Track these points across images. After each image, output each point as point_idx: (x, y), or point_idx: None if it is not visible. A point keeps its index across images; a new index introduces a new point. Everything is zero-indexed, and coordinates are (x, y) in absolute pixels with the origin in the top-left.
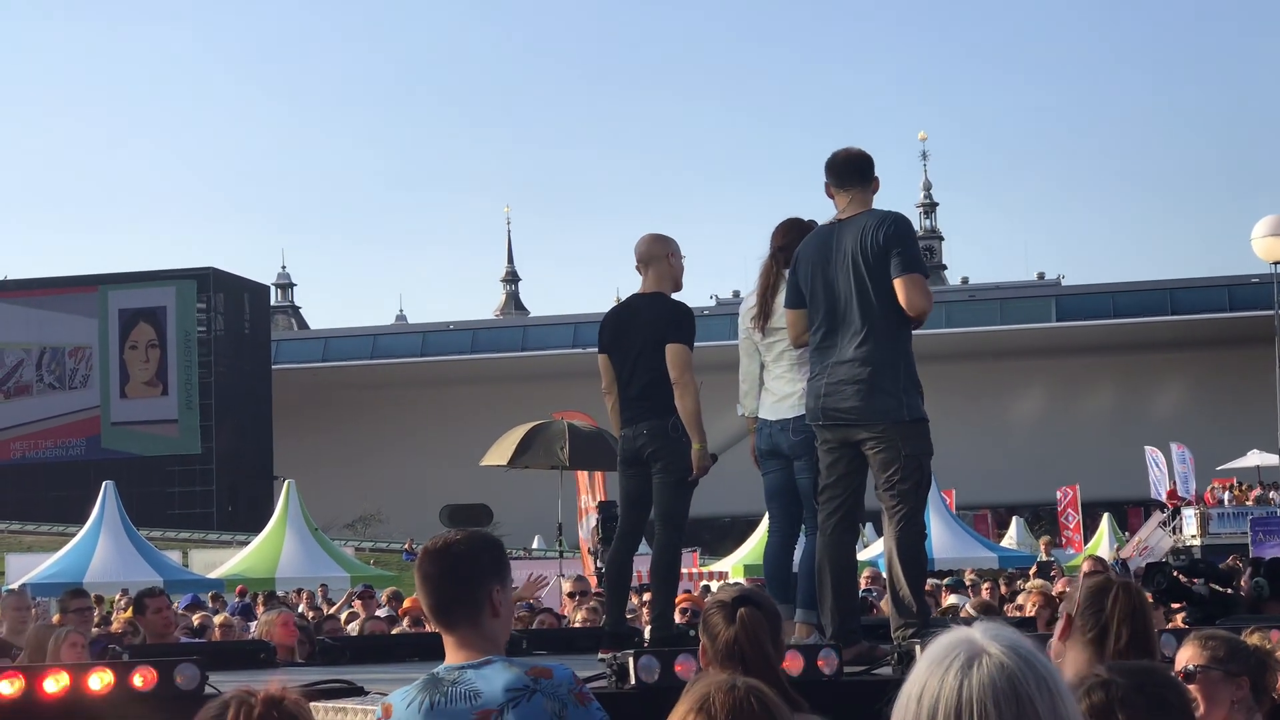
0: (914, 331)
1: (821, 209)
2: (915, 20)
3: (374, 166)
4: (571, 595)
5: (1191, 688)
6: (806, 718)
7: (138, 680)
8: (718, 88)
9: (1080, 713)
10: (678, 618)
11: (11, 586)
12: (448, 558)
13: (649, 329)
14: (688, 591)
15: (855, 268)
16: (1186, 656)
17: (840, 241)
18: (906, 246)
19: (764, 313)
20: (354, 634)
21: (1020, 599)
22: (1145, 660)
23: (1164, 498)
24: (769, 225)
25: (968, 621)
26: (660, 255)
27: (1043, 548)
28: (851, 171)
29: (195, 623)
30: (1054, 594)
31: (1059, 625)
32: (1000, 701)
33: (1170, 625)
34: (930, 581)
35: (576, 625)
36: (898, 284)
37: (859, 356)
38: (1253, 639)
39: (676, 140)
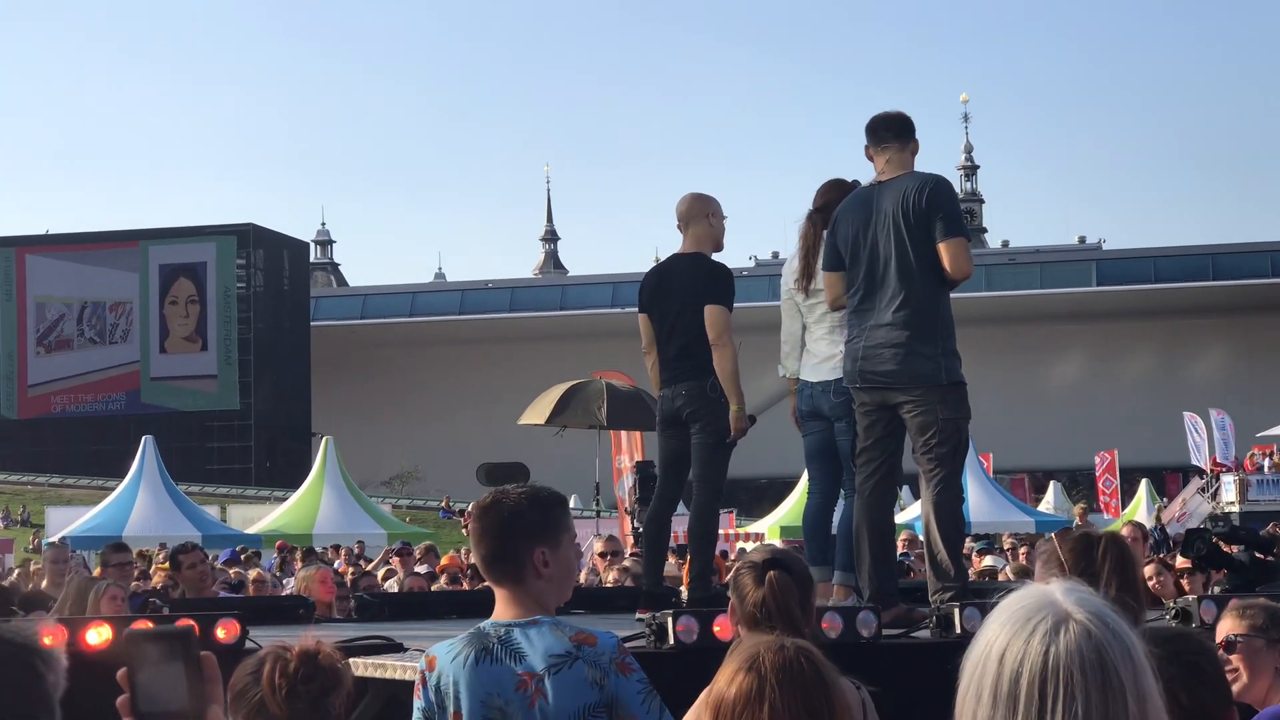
0: (954, 294)
1: (864, 170)
2: None
3: (415, 125)
4: (603, 555)
5: (1233, 657)
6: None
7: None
8: (760, 49)
9: (1158, 684)
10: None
11: (51, 540)
12: (491, 514)
13: (687, 290)
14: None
15: (895, 230)
16: (1227, 627)
17: (880, 203)
18: (949, 210)
19: (807, 273)
20: (392, 591)
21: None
22: (1180, 626)
23: (1205, 464)
24: (809, 187)
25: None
26: (700, 215)
27: (1078, 515)
28: (889, 132)
29: (234, 577)
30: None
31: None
32: (1086, 669)
33: (1209, 592)
34: (979, 547)
35: (608, 585)
36: (942, 248)
37: (897, 320)
38: None
39: (717, 101)
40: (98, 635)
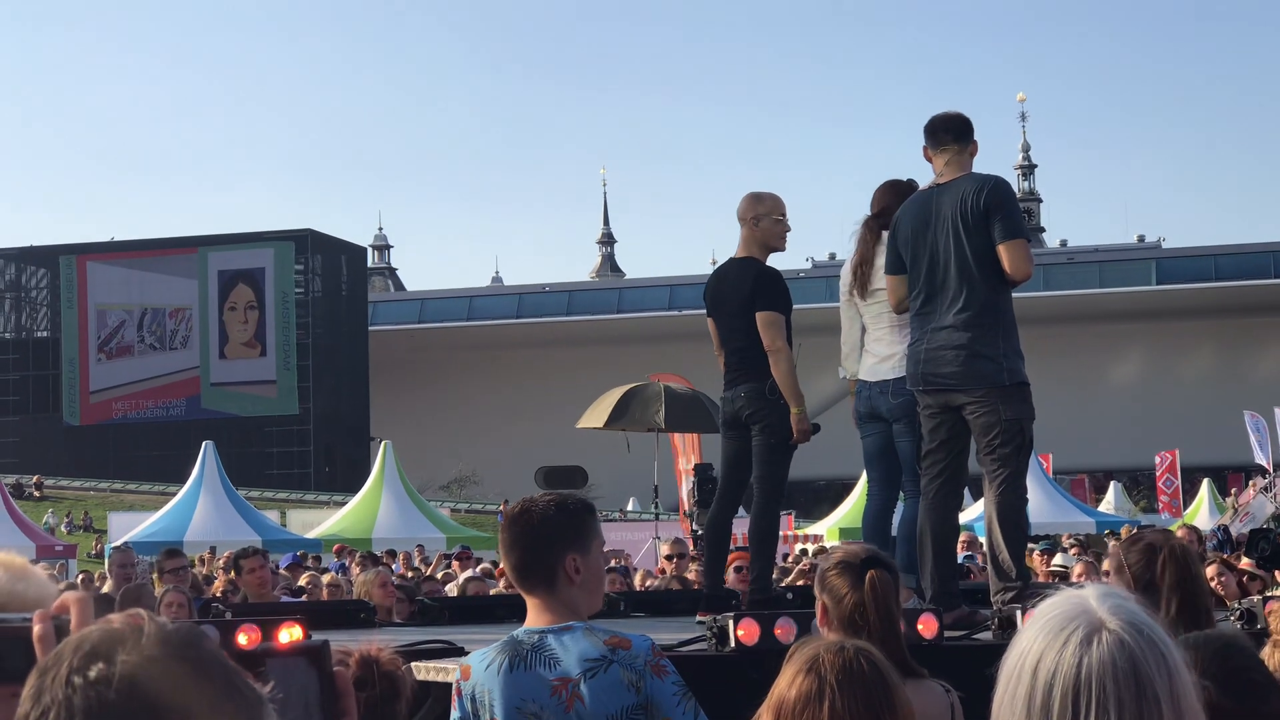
0: (1014, 295)
1: (921, 171)
2: None
3: (471, 129)
4: (670, 558)
5: None
6: (927, 682)
7: (242, 639)
8: (815, 48)
9: (1195, 691)
10: (730, 576)
11: (117, 544)
12: (523, 522)
13: (736, 295)
14: (741, 549)
15: (955, 232)
16: None
17: (939, 206)
18: (1009, 211)
19: (863, 277)
20: (452, 595)
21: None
22: (1225, 631)
23: (1267, 463)
24: (866, 188)
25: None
26: (749, 217)
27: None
28: (948, 134)
29: (301, 583)
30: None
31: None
32: (1120, 680)
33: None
34: (1041, 548)
35: (677, 588)
36: (1002, 249)
37: (958, 322)
38: None
39: (773, 102)
40: (247, 638)
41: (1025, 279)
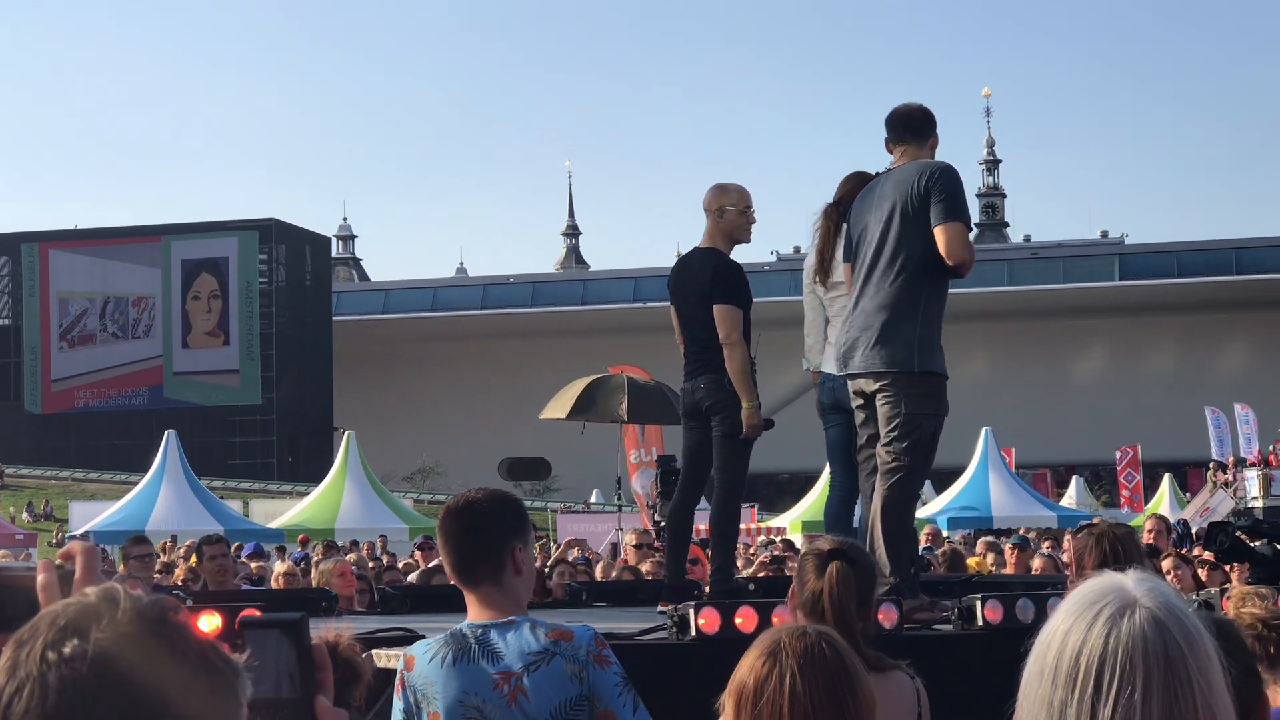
0: (978, 289)
1: (886, 163)
2: None
3: (436, 120)
4: (638, 547)
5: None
6: (892, 673)
7: (203, 625)
8: (781, 42)
9: (1225, 679)
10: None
11: (74, 534)
12: (470, 515)
13: (699, 286)
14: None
15: (887, 216)
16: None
17: (881, 191)
18: (949, 194)
19: (824, 266)
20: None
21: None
22: (1215, 614)
23: (1227, 459)
24: (830, 182)
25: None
26: (713, 209)
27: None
28: (906, 128)
29: (255, 573)
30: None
31: (1070, 578)
32: (1149, 656)
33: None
34: (985, 541)
35: (629, 578)
36: (937, 232)
37: (874, 306)
38: None
39: (738, 94)
40: (209, 623)
41: (961, 263)
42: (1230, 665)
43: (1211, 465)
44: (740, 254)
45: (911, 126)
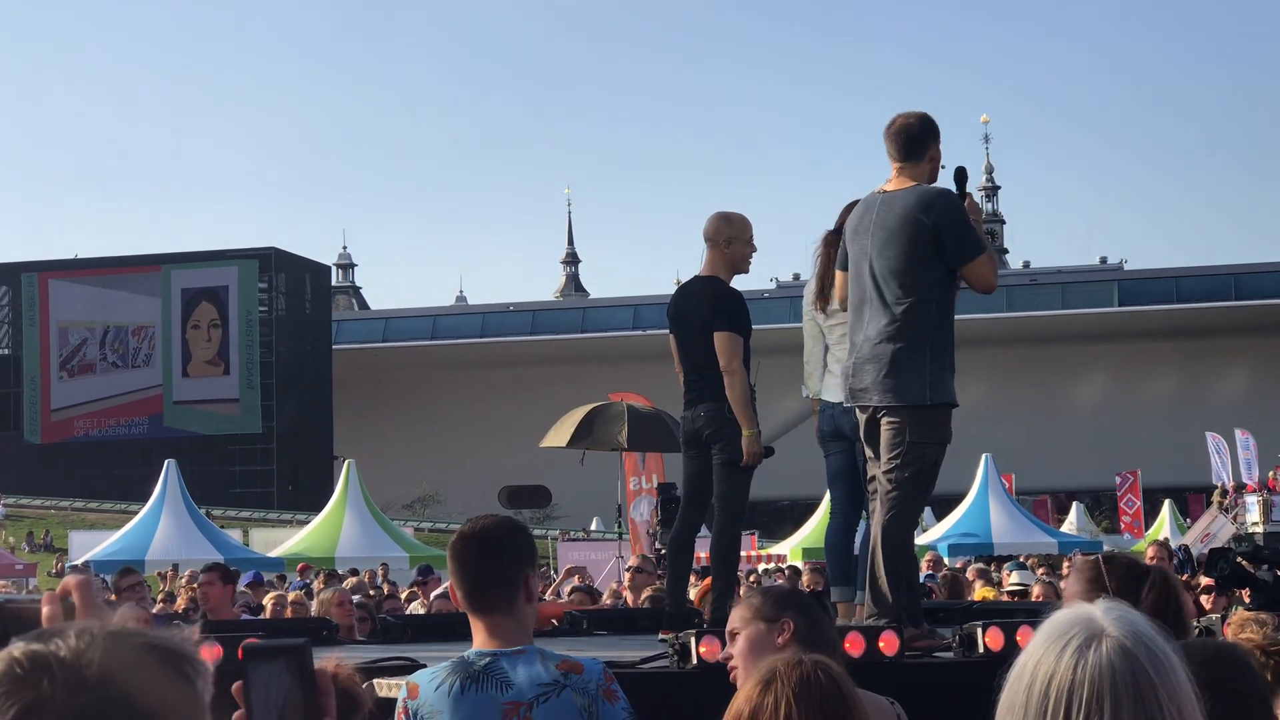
0: (977, 315)
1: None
2: (979, 1)
3: (435, 148)
4: (638, 571)
5: None
6: (874, 698)
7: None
8: (781, 69)
9: (1199, 704)
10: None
11: (74, 564)
12: (484, 542)
13: (698, 314)
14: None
15: (892, 244)
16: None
17: (880, 216)
18: (961, 232)
19: (824, 294)
20: (419, 613)
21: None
22: (1218, 641)
23: (1228, 484)
24: (830, 209)
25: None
26: (717, 239)
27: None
28: (903, 144)
29: (258, 601)
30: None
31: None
32: (1117, 685)
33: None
34: (977, 567)
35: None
36: (967, 270)
37: (879, 334)
38: None
39: (737, 122)
40: (209, 653)
41: (990, 289)
42: (1237, 688)
43: (1217, 489)
44: (740, 281)
45: (908, 144)
